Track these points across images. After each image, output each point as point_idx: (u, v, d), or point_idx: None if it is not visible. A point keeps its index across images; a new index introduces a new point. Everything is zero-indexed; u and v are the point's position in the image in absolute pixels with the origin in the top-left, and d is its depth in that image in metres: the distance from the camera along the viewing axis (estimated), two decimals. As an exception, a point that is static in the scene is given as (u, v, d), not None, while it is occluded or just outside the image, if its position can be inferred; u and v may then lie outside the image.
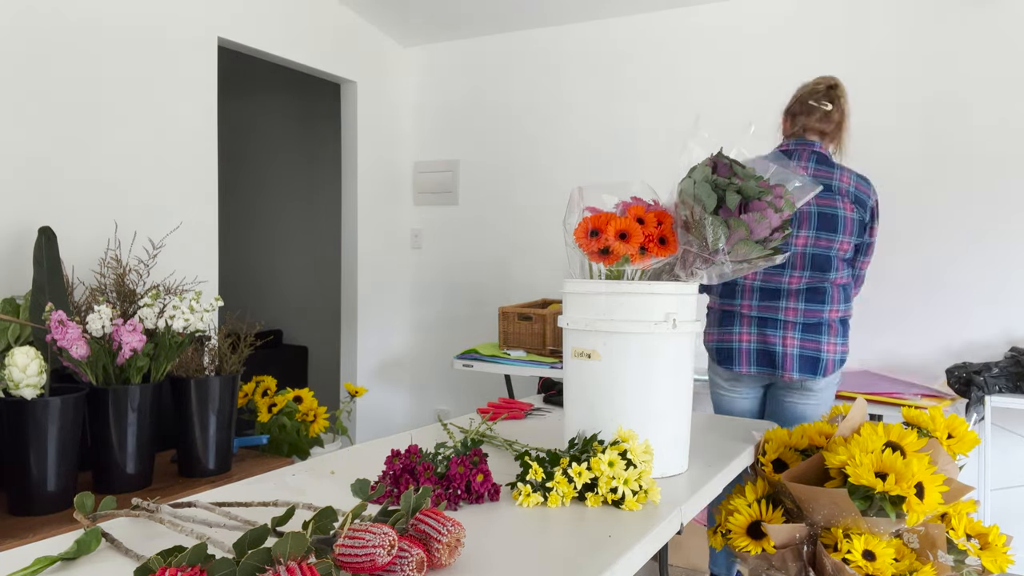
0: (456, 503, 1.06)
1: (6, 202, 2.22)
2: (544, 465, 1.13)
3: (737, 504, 1.41)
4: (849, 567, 1.21)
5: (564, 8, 3.58)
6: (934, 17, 3.00)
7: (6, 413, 1.66)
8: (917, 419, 1.38)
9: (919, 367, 2.99)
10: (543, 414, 1.83)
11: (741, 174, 1.28)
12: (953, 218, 2.97)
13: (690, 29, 3.46)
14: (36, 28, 2.29)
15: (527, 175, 3.84)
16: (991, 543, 1.35)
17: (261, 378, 2.35)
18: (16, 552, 0.87)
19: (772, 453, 1.43)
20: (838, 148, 2.24)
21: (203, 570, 0.68)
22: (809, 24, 3.23)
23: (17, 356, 1.67)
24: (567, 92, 3.75)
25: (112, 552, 0.86)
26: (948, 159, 2.98)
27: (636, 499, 1.08)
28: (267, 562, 0.67)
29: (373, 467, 1.26)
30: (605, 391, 1.23)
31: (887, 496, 1.16)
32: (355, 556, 0.70)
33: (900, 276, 3.06)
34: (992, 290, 2.90)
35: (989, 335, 2.90)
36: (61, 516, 1.69)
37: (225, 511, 0.95)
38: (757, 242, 1.26)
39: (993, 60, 2.90)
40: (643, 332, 1.22)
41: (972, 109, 2.93)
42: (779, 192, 1.28)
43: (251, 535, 0.74)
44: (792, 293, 2.05)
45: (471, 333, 3.98)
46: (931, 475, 1.16)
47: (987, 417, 2.48)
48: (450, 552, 0.80)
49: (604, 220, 1.25)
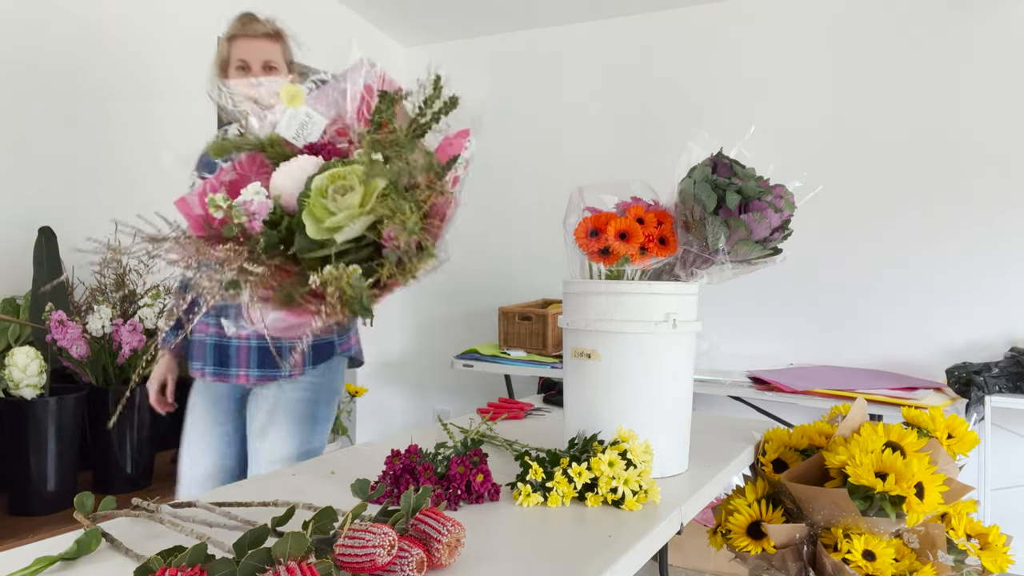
0: (456, 503, 1.06)
1: (6, 202, 2.22)
2: (544, 465, 1.13)
3: (737, 504, 1.41)
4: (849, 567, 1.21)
5: (564, 8, 3.58)
6: (935, 16, 3.00)
7: (6, 413, 1.67)
8: (917, 419, 1.38)
9: (919, 367, 2.99)
10: (543, 414, 1.83)
11: (741, 174, 1.28)
12: (953, 218, 2.97)
13: (690, 29, 3.46)
14: (38, 28, 2.29)
15: (527, 174, 3.84)
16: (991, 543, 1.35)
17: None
18: (16, 552, 0.87)
19: (772, 453, 1.43)
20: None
21: (203, 570, 0.68)
22: (811, 24, 3.23)
23: (17, 356, 1.67)
24: (567, 91, 3.75)
25: (112, 552, 0.86)
26: (948, 159, 2.98)
27: (636, 499, 1.08)
28: (267, 562, 0.67)
29: (373, 467, 1.26)
30: (605, 391, 1.23)
31: (887, 496, 1.16)
32: (355, 556, 0.70)
33: (899, 276, 3.06)
34: (992, 290, 2.90)
35: (989, 335, 2.90)
36: (61, 516, 1.69)
37: (225, 511, 0.95)
38: (757, 242, 1.26)
39: (993, 60, 2.90)
40: (643, 332, 1.22)
41: (972, 109, 2.94)
42: (779, 192, 1.28)
43: (251, 535, 0.74)
44: None
45: (471, 333, 3.98)
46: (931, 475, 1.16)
47: (987, 417, 2.49)
48: (450, 552, 0.80)
49: (604, 220, 1.25)
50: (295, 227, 0.97)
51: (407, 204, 0.95)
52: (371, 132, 1.06)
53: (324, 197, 0.94)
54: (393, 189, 0.96)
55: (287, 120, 1.05)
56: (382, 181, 0.94)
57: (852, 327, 3.16)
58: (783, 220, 1.28)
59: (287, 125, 1.05)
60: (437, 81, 1.09)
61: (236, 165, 1.06)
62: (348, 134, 1.08)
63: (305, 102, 1.06)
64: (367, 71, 1.09)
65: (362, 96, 1.09)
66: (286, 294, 0.96)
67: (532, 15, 3.68)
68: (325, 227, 0.93)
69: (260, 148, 1.05)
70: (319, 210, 0.94)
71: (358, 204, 0.93)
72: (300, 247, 0.96)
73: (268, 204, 0.98)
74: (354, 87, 1.09)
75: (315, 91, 1.09)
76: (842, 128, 3.17)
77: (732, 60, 3.37)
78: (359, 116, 1.09)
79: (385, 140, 1.04)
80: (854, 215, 3.14)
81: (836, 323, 3.19)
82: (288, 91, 1.05)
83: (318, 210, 0.94)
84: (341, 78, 1.10)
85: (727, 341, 3.32)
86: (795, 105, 3.24)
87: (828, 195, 3.11)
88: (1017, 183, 2.86)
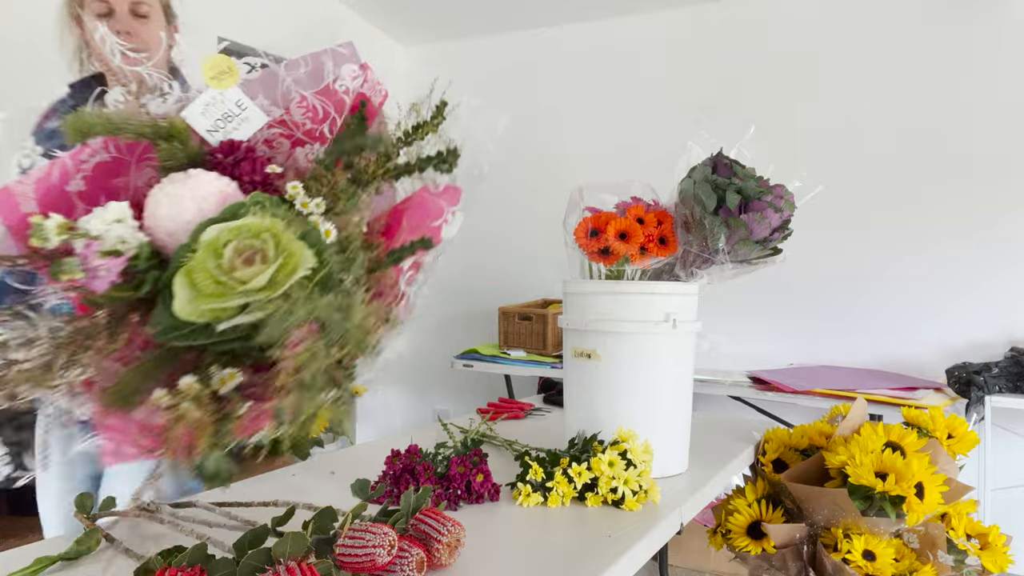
0: (456, 503, 1.06)
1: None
2: (544, 465, 1.13)
3: (737, 504, 1.41)
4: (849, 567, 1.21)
5: (565, 8, 3.58)
6: (934, 17, 3.00)
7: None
8: (917, 419, 1.38)
9: (919, 367, 2.99)
10: (543, 414, 1.83)
11: (741, 174, 1.28)
12: (954, 218, 2.97)
13: (690, 29, 3.46)
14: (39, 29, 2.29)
15: (527, 174, 3.84)
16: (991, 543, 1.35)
17: (261, 378, 2.35)
18: (16, 552, 0.87)
19: (772, 453, 1.43)
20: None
21: (203, 570, 0.68)
22: (811, 24, 3.23)
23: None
24: (568, 91, 3.75)
25: (112, 552, 0.86)
26: (949, 159, 2.98)
27: (636, 499, 1.08)
28: (267, 562, 0.67)
29: (373, 467, 1.26)
30: (605, 391, 1.23)
31: (887, 496, 1.16)
32: (355, 556, 0.70)
33: (899, 276, 3.06)
34: (992, 290, 2.90)
35: (989, 335, 2.90)
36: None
37: (225, 511, 0.95)
38: (757, 242, 1.26)
39: (993, 59, 2.90)
40: (643, 332, 1.22)
41: (972, 109, 2.93)
42: (779, 192, 1.28)
43: (251, 535, 0.74)
44: None
45: (471, 333, 3.98)
46: (931, 475, 1.16)
47: (987, 417, 2.49)
48: (450, 552, 0.80)
49: (604, 220, 1.25)
50: (160, 287, 0.64)
51: (338, 306, 0.64)
52: (325, 162, 0.72)
53: (217, 258, 0.62)
54: (323, 290, 0.65)
55: (203, 103, 0.71)
56: (310, 268, 0.63)
57: (852, 327, 3.16)
58: (783, 220, 1.28)
59: (202, 111, 0.71)
60: (440, 109, 0.78)
61: (110, 144, 0.71)
62: (295, 154, 0.75)
63: (238, 85, 0.72)
64: (347, 62, 0.78)
65: (334, 97, 0.76)
66: (123, 392, 0.63)
67: (532, 15, 3.68)
68: (203, 308, 0.61)
69: (151, 136, 0.70)
70: (202, 277, 0.61)
71: (263, 286, 0.61)
72: (157, 322, 0.63)
73: (127, 252, 0.63)
74: (321, 82, 0.77)
75: (256, 74, 0.76)
76: (842, 128, 3.17)
77: (732, 60, 3.37)
78: (315, 125, 0.76)
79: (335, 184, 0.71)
80: (854, 215, 3.14)
81: (836, 323, 3.19)
82: (214, 64, 0.71)
83: (201, 276, 0.61)
84: (301, 63, 0.78)
85: (727, 341, 3.32)
86: (795, 105, 3.24)
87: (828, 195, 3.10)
88: (1018, 183, 2.86)
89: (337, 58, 0.78)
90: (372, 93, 0.79)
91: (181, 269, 0.62)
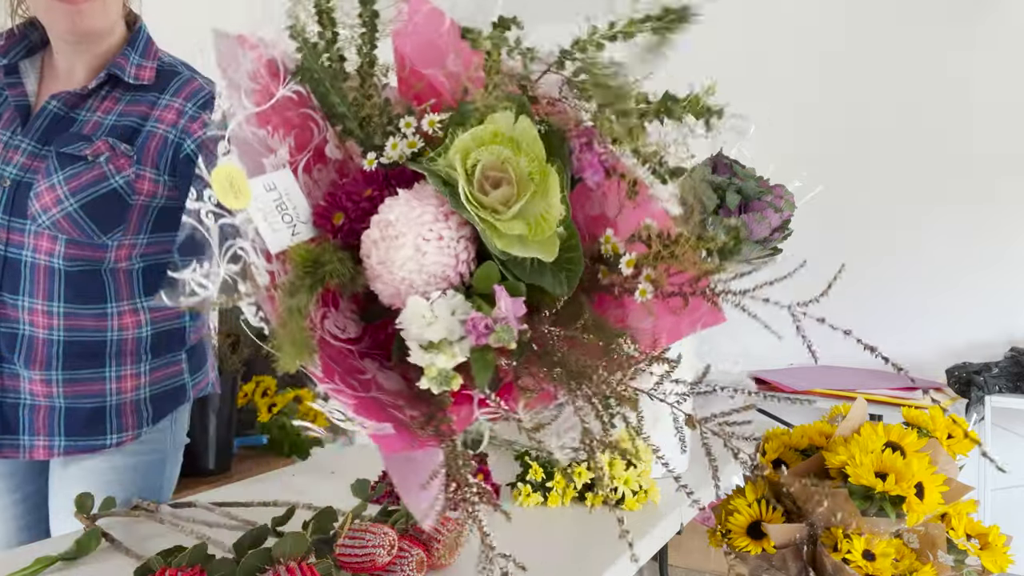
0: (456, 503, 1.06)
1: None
2: (544, 465, 1.13)
3: (737, 504, 1.41)
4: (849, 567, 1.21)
5: (565, 8, 3.58)
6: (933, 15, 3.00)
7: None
8: (917, 419, 1.37)
9: (919, 367, 2.99)
10: (543, 414, 1.83)
11: (741, 174, 1.28)
12: (954, 218, 2.97)
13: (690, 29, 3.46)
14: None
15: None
16: (991, 543, 1.35)
17: (261, 378, 2.35)
18: (16, 552, 0.87)
19: (772, 453, 1.43)
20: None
21: (203, 570, 0.68)
22: (810, 23, 3.23)
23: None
24: (567, 92, 3.75)
25: (112, 552, 0.86)
26: (949, 158, 2.98)
27: (636, 499, 1.08)
28: (267, 562, 0.67)
29: (373, 467, 1.26)
30: (605, 391, 1.23)
31: (887, 496, 1.16)
32: (355, 556, 0.70)
33: (900, 275, 3.06)
34: (992, 290, 2.90)
35: (989, 335, 2.89)
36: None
37: (225, 511, 0.95)
38: (757, 242, 1.26)
39: (993, 59, 2.90)
40: (643, 332, 1.22)
41: (971, 108, 2.93)
42: (779, 192, 1.28)
43: (251, 535, 0.74)
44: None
45: (471, 333, 3.98)
46: (931, 475, 1.15)
47: (987, 417, 2.49)
48: (450, 552, 0.80)
49: (604, 220, 1.25)
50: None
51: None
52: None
53: (469, 175, 0.52)
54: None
55: (256, 219, 0.55)
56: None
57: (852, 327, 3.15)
58: (783, 220, 1.28)
59: (264, 228, 0.56)
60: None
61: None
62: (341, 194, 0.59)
63: (251, 184, 0.55)
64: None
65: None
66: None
67: (532, 15, 3.68)
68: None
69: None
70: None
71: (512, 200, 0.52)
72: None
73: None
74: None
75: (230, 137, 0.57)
76: (842, 127, 3.17)
77: (732, 59, 3.36)
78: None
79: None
80: (854, 215, 3.13)
81: (836, 323, 3.18)
82: (224, 178, 0.54)
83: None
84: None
85: (727, 341, 3.31)
86: (795, 105, 3.24)
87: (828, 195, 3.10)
88: (1018, 183, 2.86)
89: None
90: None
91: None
